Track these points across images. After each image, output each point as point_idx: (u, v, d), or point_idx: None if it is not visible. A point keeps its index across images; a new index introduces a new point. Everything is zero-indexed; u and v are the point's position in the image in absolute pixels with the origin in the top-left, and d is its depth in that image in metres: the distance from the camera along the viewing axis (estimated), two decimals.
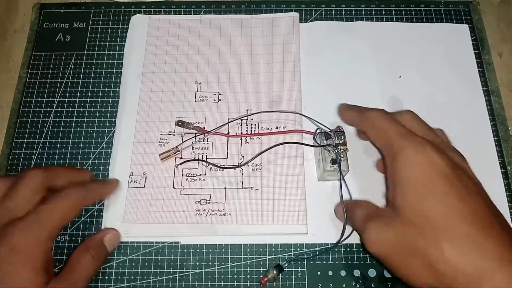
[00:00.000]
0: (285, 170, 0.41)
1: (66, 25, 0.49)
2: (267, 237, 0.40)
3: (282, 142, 0.41)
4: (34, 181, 0.35)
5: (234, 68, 0.46)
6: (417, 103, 0.43)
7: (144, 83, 0.45)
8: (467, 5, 0.50)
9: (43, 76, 0.46)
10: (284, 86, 0.45)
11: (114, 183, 0.41)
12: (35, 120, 0.45)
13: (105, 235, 0.38)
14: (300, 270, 0.39)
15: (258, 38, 0.47)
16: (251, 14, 0.49)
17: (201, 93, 0.45)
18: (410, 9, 0.49)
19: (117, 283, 0.39)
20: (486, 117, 0.45)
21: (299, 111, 0.44)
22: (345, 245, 0.40)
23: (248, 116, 0.44)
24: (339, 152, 0.39)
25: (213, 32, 0.48)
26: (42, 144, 0.44)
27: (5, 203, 0.34)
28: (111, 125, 0.44)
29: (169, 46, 0.47)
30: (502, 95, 0.46)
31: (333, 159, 0.39)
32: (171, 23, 0.48)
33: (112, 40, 0.48)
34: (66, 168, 0.41)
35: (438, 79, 0.46)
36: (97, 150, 0.43)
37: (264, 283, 0.38)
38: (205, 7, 0.49)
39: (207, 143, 0.43)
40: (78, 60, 0.47)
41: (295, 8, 0.49)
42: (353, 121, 0.40)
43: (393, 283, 0.39)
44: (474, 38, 0.48)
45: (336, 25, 0.49)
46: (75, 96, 0.46)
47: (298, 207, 0.40)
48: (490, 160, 0.43)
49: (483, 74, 0.46)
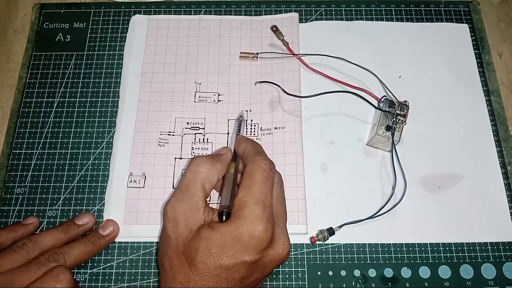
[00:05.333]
0: (285, 170, 0.41)
1: (66, 25, 0.49)
2: None
3: (353, 92, 0.43)
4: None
5: (234, 69, 0.46)
6: (417, 103, 0.44)
7: (143, 83, 0.45)
8: (467, 5, 0.50)
9: (43, 76, 0.47)
10: (284, 86, 0.45)
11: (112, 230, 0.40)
12: (35, 120, 0.45)
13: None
14: (300, 270, 0.39)
15: (258, 39, 0.47)
16: (250, 15, 0.49)
17: (201, 94, 0.45)
18: (410, 9, 0.49)
19: (117, 283, 0.39)
20: (486, 117, 0.45)
21: (299, 110, 0.44)
22: (345, 245, 0.40)
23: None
24: (396, 121, 0.40)
25: (212, 32, 0.48)
26: (42, 144, 0.44)
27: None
28: (111, 125, 0.44)
29: (168, 47, 0.47)
30: (502, 95, 0.46)
31: (388, 126, 0.40)
32: (170, 24, 0.48)
33: (112, 40, 0.48)
34: (7, 229, 0.38)
35: (438, 79, 0.46)
36: (97, 150, 0.43)
37: (313, 242, 0.39)
38: (205, 7, 0.49)
39: (207, 144, 0.43)
40: (78, 60, 0.47)
41: (295, 8, 0.49)
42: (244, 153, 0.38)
43: (393, 283, 0.39)
44: (474, 38, 0.48)
45: (336, 25, 0.49)
46: (75, 96, 0.46)
47: (298, 207, 0.40)
48: (490, 160, 0.43)
49: (483, 74, 0.46)
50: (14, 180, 0.42)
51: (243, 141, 0.37)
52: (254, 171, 0.33)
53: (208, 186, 0.34)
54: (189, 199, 0.33)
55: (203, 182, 0.34)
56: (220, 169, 0.35)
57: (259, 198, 0.32)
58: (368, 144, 0.43)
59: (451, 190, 0.42)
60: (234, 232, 0.31)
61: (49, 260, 0.34)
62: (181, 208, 0.33)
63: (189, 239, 0.32)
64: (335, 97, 0.43)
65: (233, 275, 0.31)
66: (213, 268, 0.31)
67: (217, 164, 0.35)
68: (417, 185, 0.42)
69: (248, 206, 0.31)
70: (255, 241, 0.31)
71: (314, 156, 0.43)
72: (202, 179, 0.34)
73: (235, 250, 0.31)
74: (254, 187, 0.32)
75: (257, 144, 0.38)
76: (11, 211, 0.41)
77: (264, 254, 0.32)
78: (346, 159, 0.43)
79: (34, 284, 0.32)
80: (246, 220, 0.31)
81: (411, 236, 0.40)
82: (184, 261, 0.31)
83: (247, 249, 0.31)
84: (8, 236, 0.37)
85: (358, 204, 0.41)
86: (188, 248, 0.31)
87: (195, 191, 0.34)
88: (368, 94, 0.44)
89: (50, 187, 0.42)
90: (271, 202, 0.33)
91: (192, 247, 0.31)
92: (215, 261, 0.31)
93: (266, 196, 0.32)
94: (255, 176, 0.33)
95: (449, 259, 0.40)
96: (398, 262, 0.39)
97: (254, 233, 0.31)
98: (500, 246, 0.40)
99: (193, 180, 0.34)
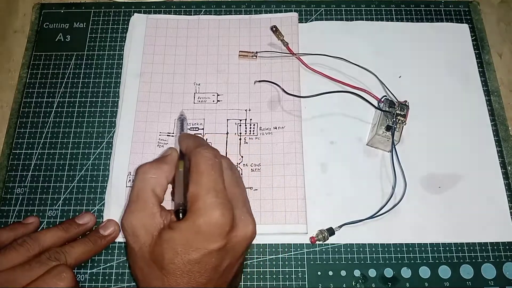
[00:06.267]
0: (285, 170, 0.41)
1: (66, 25, 0.49)
2: (267, 237, 0.40)
3: (353, 92, 0.43)
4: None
5: (233, 69, 0.46)
6: (417, 103, 0.44)
7: (142, 83, 0.45)
8: (467, 5, 0.50)
9: (43, 76, 0.47)
10: (284, 86, 0.45)
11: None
12: (35, 120, 0.45)
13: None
14: (300, 270, 0.39)
15: (257, 38, 0.47)
16: (250, 14, 0.49)
17: (200, 94, 0.45)
18: (410, 9, 0.49)
19: (117, 283, 0.39)
20: (486, 117, 0.45)
21: (299, 110, 0.44)
22: (345, 245, 0.40)
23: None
24: (396, 121, 0.40)
25: (211, 32, 0.48)
26: (42, 144, 0.44)
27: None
28: (111, 125, 0.44)
29: (167, 47, 0.47)
30: (502, 95, 0.46)
31: (388, 126, 0.40)
32: (169, 23, 0.48)
33: (112, 40, 0.48)
34: (7, 228, 0.38)
35: (438, 79, 0.46)
36: (97, 150, 0.43)
37: (313, 242, 0.39)
38: (205, 7, 0.49)
39: None
40: (78, 60, 0.47)
41: (295, 8, 0.49)
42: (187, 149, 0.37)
43: (393, 283, 0.39)
44: (474, 38, 0.48)
45: (336, 25, 0.49)
46: (75, 96, 0.46)
47: (298, 207, 0.40)
48: (490, 160, 0.43)
49: (483, 74, 0.46)
50: (14, 180, 0.42)
51: (184, 137, 0.37)
52: (198, 163, 0.33)
53: (159, 190, 0.34)
54: (142, 208, 0.33)
55: (153, 187, 0.34)
56: (168, 171, 0.35)
57: (210, 187, 0.32)
58: (368, 144, 0.43)
59: (451, 190, 0.42)
60: (193, 225, 0.31)
61: (50, 259, 0.34)
62: (136, 218, 0.32)
63: (153, 245, 0.32)
64: (335, 97, 0.43)
65: (205, 267, 0.31)
66: (183, 266, 0.30)
67: (163, 167, 0.35)
68: (417, 185, 0.42)
69: (201, 197, 0.31)
70: (215, 228, 0.31)
71: (314, 156, 0.43)
72: (151, 184, 0.34)
73: (199, 242, 0.31)
74: (202, 178, 0.32)
75: (198, 137, 0.38)
76: (11, 211, 0.41)
77: (229, 238, 0.31)
78: (346, 159, 0.43)
79: (36, 282, 0.32)
80: (201, 211, 0.31)
81: (411, 236, 0.40)
82: (154, 267, 0.31)
83: (210, 238, 0.31)
84: (8, 235, 0.37)
85: (358, 204, 0.41)
86: (154, 254, 0.31)
87: (147, 198, 0.33)
88: (368, 94, 0.44)
89: (50, 187, 0.42)
90: (223, 187, 0.33)
91: (158, 251, 0.31)
92: (183, 258, 0.30)
93: (216, 182, 0.32)
94: (201, 167, 0.32)
95: (449, 259, 0.40)
96: (398, 262, 0.39)
97: (212, 221, 0.31)
98: (500, 246, 0.40)
99: (142, 188, 0.33)
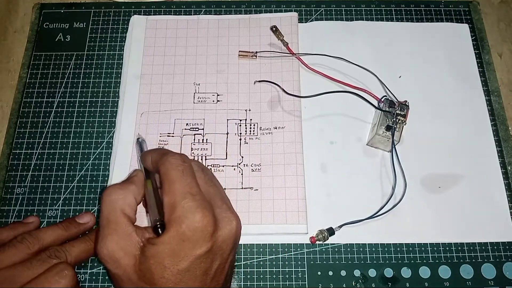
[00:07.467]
0: (285, 170, 0.41)
1: (66, 25, 0.49)
2: (267, 237, 0.40)
3: (353, 92, 0.43)
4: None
5: (232, 68, 0.46)
6: (417, 103, 0.44)
7: (142, 85, 0.45)
8: (467, 5, 0.50)
9: (43, 76, 0.47)
10: (284, 86, 0.45)
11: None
12: (35, 120, 0.45)
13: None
14: (300, 270, 0.39)
15: (256, 38, 0.47)
16: (249, 14, 0.49)
17: (200, 95, 0.45)
18: (410, 9, 0.49)
19: None
20: (486, 117, 0.45)
21: (299, 110, 0.44)
22: (345, 245, 0.40)
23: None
24: (396, 121, 0.40)
25: (211, 32, 0.48)
26: (42, 144, 0.44)
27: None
28: (111, 125, 0.44)
29: (167, 47, 0.47)
30: (502, 95, 0.46)
31: (388, 126, 0.40)
32: (168, 24, 0.48)
33: (112, 40, 0.48)
34: (8, 227, 0.38)
35: (438, 79, 0.46)
36: (97, 150, 0.43)
37: (313, 242, 0.39)
38: (205, 7, 0.49)
39: (206, 144, 0.43)
40: (78, 60, 0.47)
41: (295, 8, 0.49)
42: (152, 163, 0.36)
43: (393, 283, 0.39)
44: (474, 38, 0.48)
45: (336, 25, 0.49)
46: (75, 96, 0.46)
47: (298, 207, 0.40)
48: (490, 160, 0.43)
49: (483, 74, 0.46)
50: (14, 180, 0.42)
51: (146, 154, 0.36)
52: (167, 171, 0.32)
53: (129, 210, 0.33)
54: (115, 230, 0.32)
55: (121, 208, 0.33)
56: (135, 191, 0.34)
57: (185, 192, 0.31)
58: (368, 144, 0.43)
59: (451, 190, 0.42)
60: (176, 234, 0.30)
61: (51, 257, 0.34)
62: (112, 242, 0.31)
63: (138, 265, 0.31)
64: (335, 97, 0.43)
65: (195, 273, 0.30)
66: (174, 277, 0.30)
67: (129, 187, 0.34)
68: (417, 185, 0.42)
69: (178, 205, 0.30)
70: (199, 231, 0.30)
71: (314, 156, 0.43)
72: (120, 205, 0.33)
73: (186, 250, 0.30)
74: (175, 185, 0.31)
75: (160, 149, 0.37)
76: (11, 211, 0.41)
77: (214, 239, 0.31)
78: (346, 159, 0.43)
79: (38, 280, 0.31)
80: (181, 217, 0.30)
81: (411, 236, 0.40)
82: (144, 286, 0.30)
83: (196, 243, 0.30)
84: (8, 234, 0.36)
85: (358, 204, 0.41)
86: (142, 273, 0.30)
87: (118, 219, 0.32)
88: (368, 94, 0.44)
89: (50, 187, 0.42)
90: (199, 189, 0.32)
91: (145, 269, 0.30)
92: (172, 270, 0.30)
93: (190, 186, 0.31)
94: (171, 175, 0.32)
95: (449, 259, 0.40)
96: (398, 262, 0.39)
97: (194, 224, 0.30)
98: (500, 246, 0.40)
99: (111, 211, 0.32)
